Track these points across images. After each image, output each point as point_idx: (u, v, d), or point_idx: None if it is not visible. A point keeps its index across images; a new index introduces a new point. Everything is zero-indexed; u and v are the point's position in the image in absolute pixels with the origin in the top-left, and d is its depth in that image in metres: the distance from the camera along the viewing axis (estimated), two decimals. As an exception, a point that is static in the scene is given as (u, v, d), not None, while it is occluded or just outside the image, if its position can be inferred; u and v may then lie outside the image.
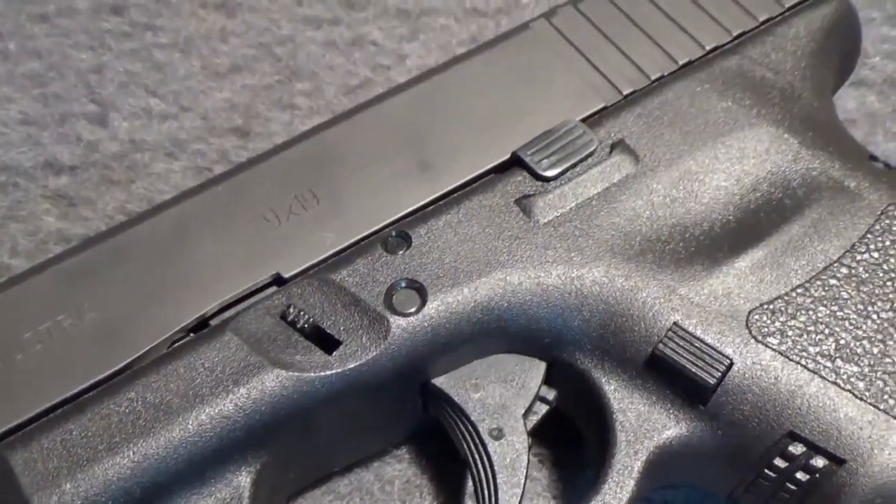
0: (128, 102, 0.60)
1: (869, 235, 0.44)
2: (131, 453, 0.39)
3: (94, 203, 0.56)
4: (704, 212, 0.45)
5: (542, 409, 0.45)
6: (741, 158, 0.46)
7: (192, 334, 0.43)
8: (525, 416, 0.44)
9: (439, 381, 0.44)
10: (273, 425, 0.41)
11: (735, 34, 0.51)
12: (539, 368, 0.44)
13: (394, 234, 0.44)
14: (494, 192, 0.45)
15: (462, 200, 0.45)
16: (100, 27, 0.62)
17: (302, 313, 0.42)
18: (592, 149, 0.46)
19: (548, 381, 0.45)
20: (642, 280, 0.43)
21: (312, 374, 0.41)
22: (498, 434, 0.43)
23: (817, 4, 0.52)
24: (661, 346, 0.41)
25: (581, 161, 0.46)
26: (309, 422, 0.42)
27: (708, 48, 0.50)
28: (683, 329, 0.42)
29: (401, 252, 0.44)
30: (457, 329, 0.43)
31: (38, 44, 0.62)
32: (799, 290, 0.42)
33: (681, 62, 0.50)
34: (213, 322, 0.43)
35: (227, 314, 0.43)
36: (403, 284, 0.43)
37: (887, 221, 0.44)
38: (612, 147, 0.47)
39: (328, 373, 0.41)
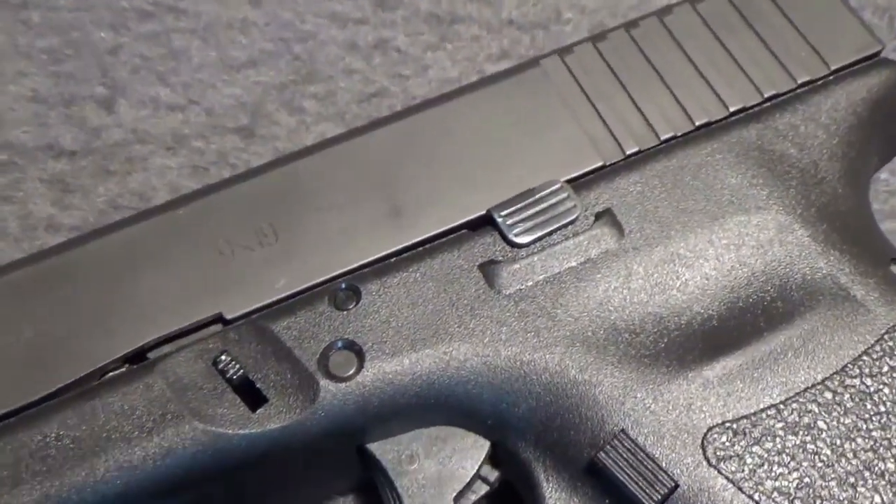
0: (137, 89, 0.58)
1: (865, 357, 0.38)
2: (34, 492, 0.38)
3: (88, 193, 0.55)
4: (685, 303, 0.41)
5: (482, 489, 0.42)
6: (739, 246, 0.41)
7: (127, 365, 0.42)
8: (458, 498, 0.41)
9: (374, 447, 0.41)
10: (186, 479, 0.39)
11: (767, 95, 0.45)
12: (482, 448, 0.41)
13: (343, 286, 0.41)
14: (459, 252, 0.42)
15: (423, 257, 0.42)
16: (123, 5, 0.61)
17: (233, 363, 0.40)
18: (573, 217, 0.42)
19: (494, 460, 0.42)
20: (598, 375, 0.39)
21: (231, 432, 0.39)
22: (423, 517, 0.40)
23: (867, 71, 0.46)
24: (602, 454, 0.38)
25: (558, 229, 0.42)
26: (229, 478, 0.40)
27: (732, 109, 0.45)
28: (630, 439, 0.38)
29: (348, 308, 0.41)
30: (393, 400, 0.40)
31: (61, 17, 0.60)
32: (770, 412, 0.38)
33: (698, 123, 0.45)
34: (152, 355, 0.42)
35: (166, 348, 0.42)
36: (341, 345, 0.40)
37: (891, 343, 0.39)
38: (597, 216, 0.42)
39: (248, 431, 0.39)
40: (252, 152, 0.56)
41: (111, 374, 0.41)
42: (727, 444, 0.37)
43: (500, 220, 0.42)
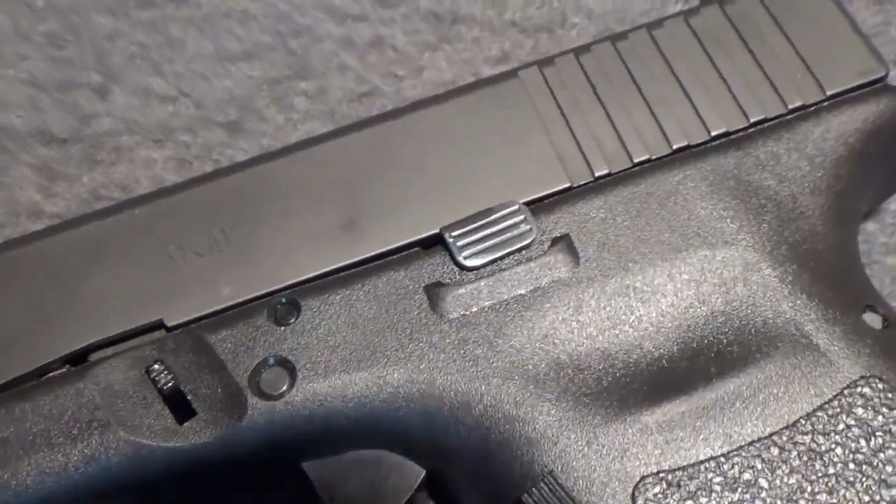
0: (132, 78, 0.57)
1: (820, 413, 0.36)
2: None
3: (73, 182, 0.55)
4: (636, 340, 0.38)
5: (416, 518, 0.40)
6: (700, 283, 0.39)
7: (68, 366, 0.41)
8: (389, 525, 0.40)
9: (308, 467, 0.40)
10: (109, 489, 0.38)
11: (753, 120, 0.42)
12: (417, 475, 0.40)
13: (284, 301, 0.40)
14: (406, 272, 0.40)
15: (369, 275, 0.40)
16: (125, -10, 0.60)
17: (166, 373, 0.39)
18: (527, 241, 0.40)
19: (431, 489, 0.41)
20: (533, 412, 0.37)
21: (155, 444, 0.38)
22: (348, 543, 0.39)
23: (865, 99, 0.42)
24: (526, 495, 0.36)
25: (510, 254, 0.40)
26: (153, 490, 0.39)
27: (714, 133, 0.42)
28: (557, 482, 0.36)
29: (287, 323, 0.40)
30: (324, 421, 0.39)
31: (63, 1, 0.60)
32: (710, 465, 0.35)
33: (675, 146, 0.42)
34: (94, 357, 0.41)
35: (108, 351, 0.41)
36: (274, 362, 0.39)
37: (850, 399, 0.36)
38: (553, 242, 0.40)
39: (171, 445, 0.38)
40: (237, 148, 0.55)
41: (51, 374, 0.41)
42: (660, 495, 0.35)
43: (450, 240, 0.40)
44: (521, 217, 0.40)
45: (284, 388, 0.39)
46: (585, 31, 0.57)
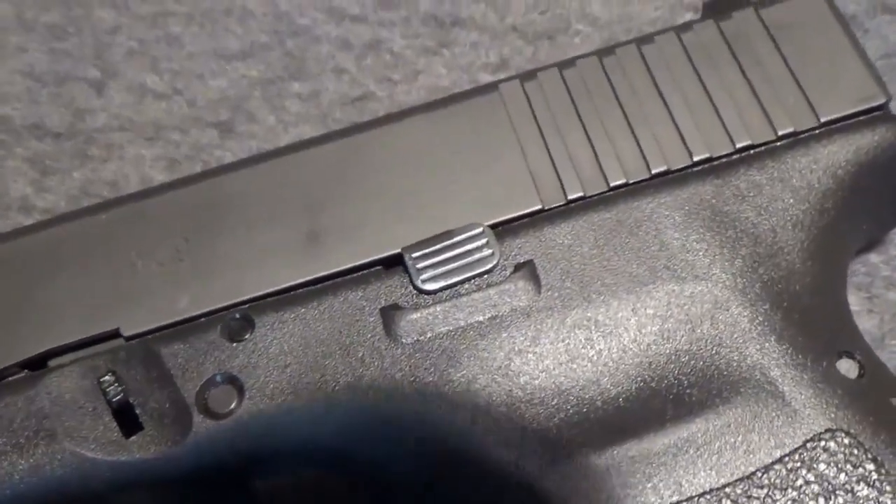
0: (128, 74, 0.57)
1: (779, 466, 0.34)
2: None
3: (63, 177, 0.55)
4: (593, 376, 0.37)
5: (363, 546, 0.39)
6: (665, 318, 0.37)
7: (26, 371, 0.41)
8: (334, 550, 0.39)
9: (259, 485, 0.40)
10: (54, 500, 0.38)
11: (738, 146, 0.40)
12: (364, 499, 0.39)
13: (238, 316, 0.39)
14: (364, 292, 0.39)
15: (326, 293, 0.39)
16: (127, -16, 0.60)
17: (116, 385, 0.39)
18: (489, 266, 0.39)
19: (381, 514, 0.40)
20: (479, 447, 0.36)
21: (99, 457, 0.38)
22: (290, 566, 0.38)
23: (860, 128, 0.40)
24: None
25: (470, 279, 0.39)
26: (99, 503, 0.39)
27: (696, 159, 0.40)
28: (498, 521, 0.35)
29: (239, 340, 0.39)
30: (270, 443, 0.38)
31: (68, -8, 0.60)
32: (651, 517, 0.34)
33: (655, 171, 0.40)
34: (53, 363, 0.41)
35: (67, 357, 0.41)
36: (222, 380, 0.38)
37: (813, 454, 0.34)
38: (516, 268, 0.39)
39: (116, 459, 0.38)
40: (227, 149, 0.54)
41: (9, 379, 0.41)
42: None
43: (410, 262, 0.39)
44: (484, 241, 0.39)
45: (232, 406, 0.38)
46: (589, 40, 0.55)
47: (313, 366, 0.38)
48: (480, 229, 0.39)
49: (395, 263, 0.40)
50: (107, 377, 0.39)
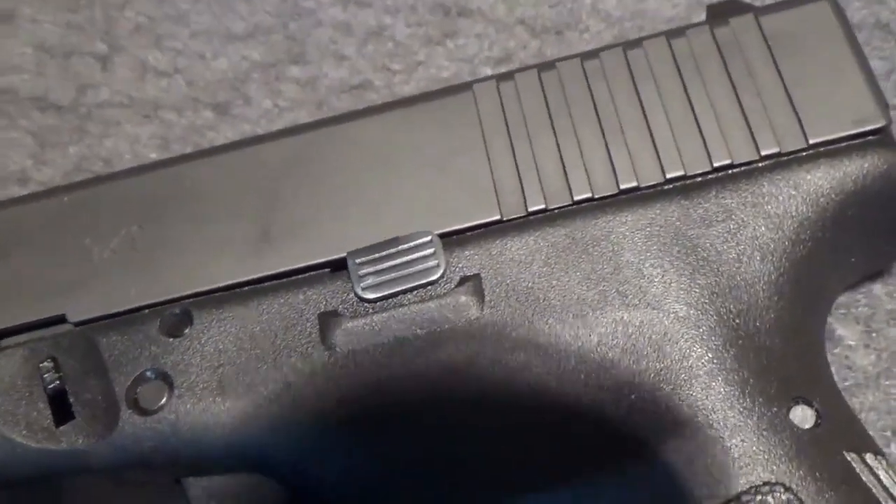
0: (133, 50, 0.57)
1: (709, 518, 0.31)
2: None
3: (64, 150, 0.55)
4: (525, 403, 0.35)
5: (291, 554, 0.38)
6: (610, 347, 0.35)
7: (-26, 350, 0.41)
8: (256, 557, 0.38)
9: (187, 483, 0.39)
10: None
11: (715, 166, 0.37)
12: (292, 508, 0.38)
13: (177, 311, 0.38)
14: (305, 295, 0.38)
15: (268, 294, 0.38)
16: (142, -42, 0.59)
17: (54, 371, 0.38)
18: (433, 278, 0.37)
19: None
20: (392, 467, 0.34)
21: (29, 444, 0.37)
22: (208, 570, 0.37)
23: (849, 153, 0.37)
24: None
25: (412, 290, 0.37)
26: (33, 489, 0.39)
27: (669, 176, 0.38)
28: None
29: (176, 335, 0.38)
30: (196, 443, 0.37)
31: (84, -36, 0.60)
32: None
33: (623, 187, 0.38)
34: (4, 343, 0.41)
35: (21, 338, 0.41)
36: (154, 375, 0.37)
37: (741, 511, 0.31)
38: (461, 281, 0.37)
39: (44, 447, 0.37)
40: (219, 131, 0.53)
41: (-44, 357, 0.41)
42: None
43: (353, 267, 0.37)
44: (431, 250, 0.37)
45: (161, 402, 0.37)
46: (598, 37, 0.52)
47: (245, 368, 0.37)
48: (429, 238, 0.37)
49: (341, 267, 0.38)
50: (46, 363, 0.39)
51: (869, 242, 0.38)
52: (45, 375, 0.38)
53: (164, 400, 0.37)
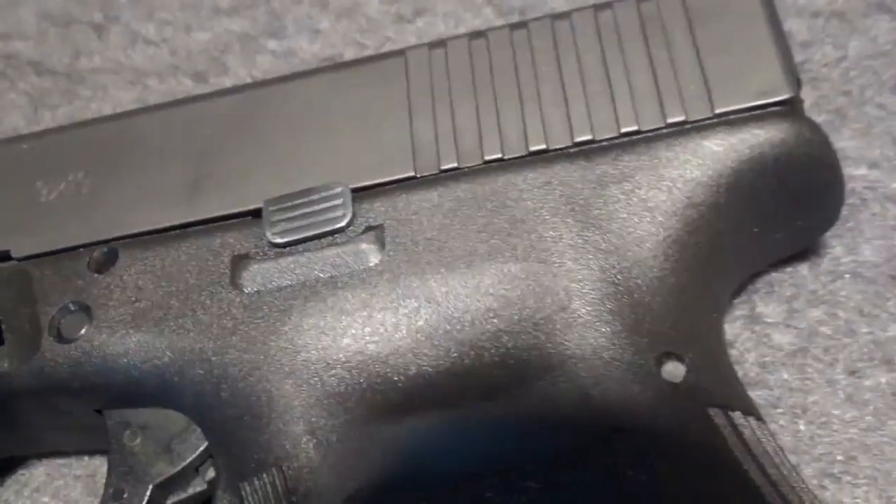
0: (128, 20, 0.60)
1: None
2: None
3: (55, 112, 0.58)
4: (409, 347, 0.36)
5: (197, 488, 0.40)
6: (496, 297, 0.35)
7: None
8: (163, 486, 0.39)
9: (108, 414, 0.41)
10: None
11: (622, 132, 0.38)
12: (202, 443, 0.40)
13: (105, 250, 0.41)
14: (222, 239, 0.40)
15: (188, 238, 0.40)
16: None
17: (-9, 300, 0.41)
18: (338, 226, 0.38)
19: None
20: (285, 405, 0.36)
21: (-39, 367, 0.40)
22: (116, 496, 0.39)
23: (749, 123, 0.37)
24: (251, 482, 0.35)
25: (318, 237, 0.38)
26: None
27: (577, 140, 0.39)
28: (284, 477, 0.34)
29: (101, 272, 0.40)
30: (109, 373, 0.39)
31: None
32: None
33: (532, 148, 0.39)
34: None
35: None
36: (76, 308, 0.40)
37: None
38: (365, 230, 0.38)
39: (-27, 369, 0.40)
40: (196, 99, 0.56)
41: None
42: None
43: (267, 214, 0.39)
44: (339, 201, 0.39)
45: (81, 333, 0.39)
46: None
47: (159, 305, 0.39)
48: (339, 189, 0.39)
49: (260, 215, 0.40)
50: (-16, 293, 0.41)
51: (783, 216, 0.38)
52: (-18, 304, 0.41)
53: (83, 330, 0.39)
